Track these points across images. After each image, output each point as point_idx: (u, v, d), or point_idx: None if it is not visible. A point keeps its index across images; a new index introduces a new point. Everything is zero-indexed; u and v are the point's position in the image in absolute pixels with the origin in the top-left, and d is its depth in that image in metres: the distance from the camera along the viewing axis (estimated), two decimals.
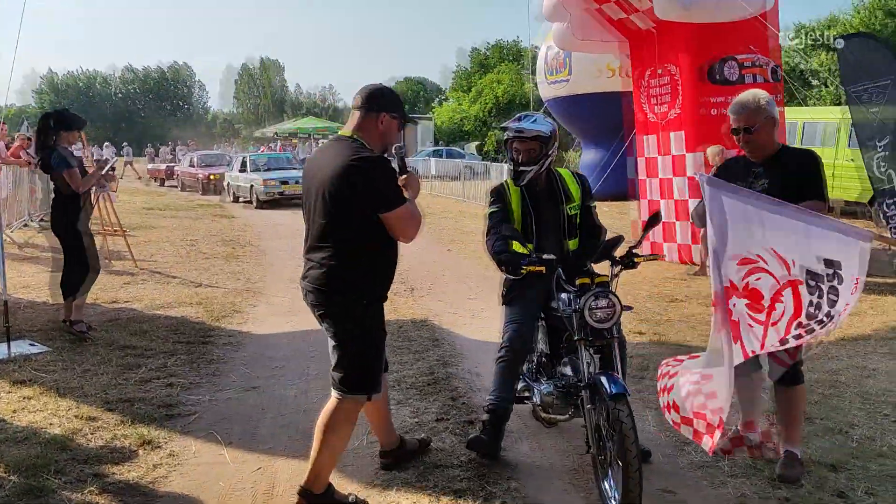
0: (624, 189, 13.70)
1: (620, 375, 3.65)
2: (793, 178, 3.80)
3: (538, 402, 4.17)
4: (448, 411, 4.82)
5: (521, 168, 4.23)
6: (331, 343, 3.52)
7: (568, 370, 3.88)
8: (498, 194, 4.33)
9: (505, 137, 4.36)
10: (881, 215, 7.37)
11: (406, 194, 3.45)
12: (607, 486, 3.55)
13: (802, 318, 3.24)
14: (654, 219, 3.89)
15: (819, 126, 15.58)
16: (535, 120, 4.34)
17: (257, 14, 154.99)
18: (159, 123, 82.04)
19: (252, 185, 21.10)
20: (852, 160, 15.74)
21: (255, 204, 20.78)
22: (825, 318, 3.25)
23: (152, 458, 4.18)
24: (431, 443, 4.26)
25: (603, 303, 3.60)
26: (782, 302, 3.26)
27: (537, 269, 3.80)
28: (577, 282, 3.78)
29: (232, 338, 6.77)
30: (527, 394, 4.36)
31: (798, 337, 3.31)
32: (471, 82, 55.02)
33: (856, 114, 7.46)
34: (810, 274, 3.23)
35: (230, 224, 16.66)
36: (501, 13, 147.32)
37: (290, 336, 6.90)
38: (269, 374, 5.74)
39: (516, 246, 4.06)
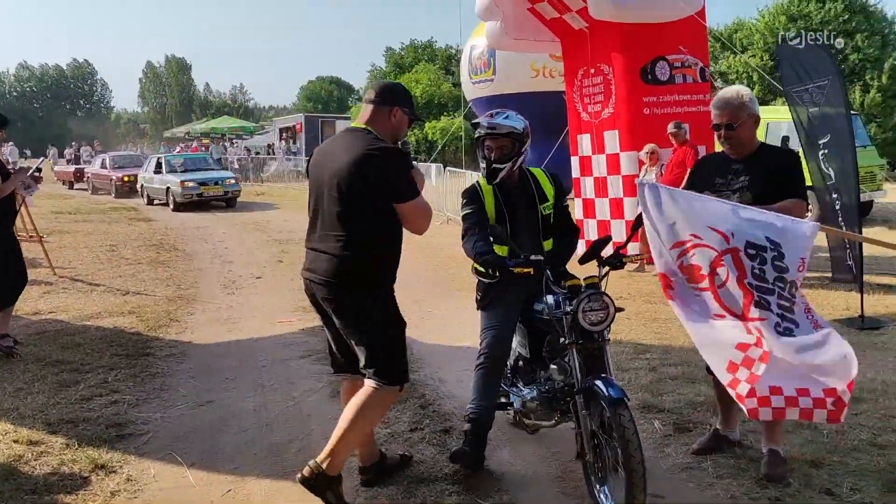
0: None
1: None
2: (773, 176, 3.79)
3: (521, 409, 4.05)
4: (420, 420, 4.65)
5: (495, 166, 4.10)
6: (352, 340, 3.49)
7: (555, 374, 3.76)
8: (471, 195, 4.18)
9: (476, 135, 4.23)
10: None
11: None
12: (602, 496, 3.46)
13: (750, 279, 3.27)
14: (641, 219, 3.82)
15: None
16: (507, 116, 4.24)
17: (165, 11, 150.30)
18: (59, 123, 78.22)
19: (168, 188, 20.27)
20: None
21: (171, 207, 19.98)
22: (780, 283, 3.25)
23: (108, 485, 3.85)
24: (413, 458, 4.05)
25: (597, 304, 3.50)
26: (724, 266, 3.32)
27: (526, 270, 3.68)
28: (567, 283, 3.67)
29: (173, 349, 6.40)
30: (504, 400, 4.23)
31: (766, 292, 3.26)
32: None
33: (797, 114, 7.64)
34: (750, 244, 3.29)
35: (149, 228, 15.94)
36: (423, 13, 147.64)
37: (235, 345, 6.58)
38: (221, 386, 5.42)
39: (496, 248, 3.94)
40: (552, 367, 3.75)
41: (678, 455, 4.15)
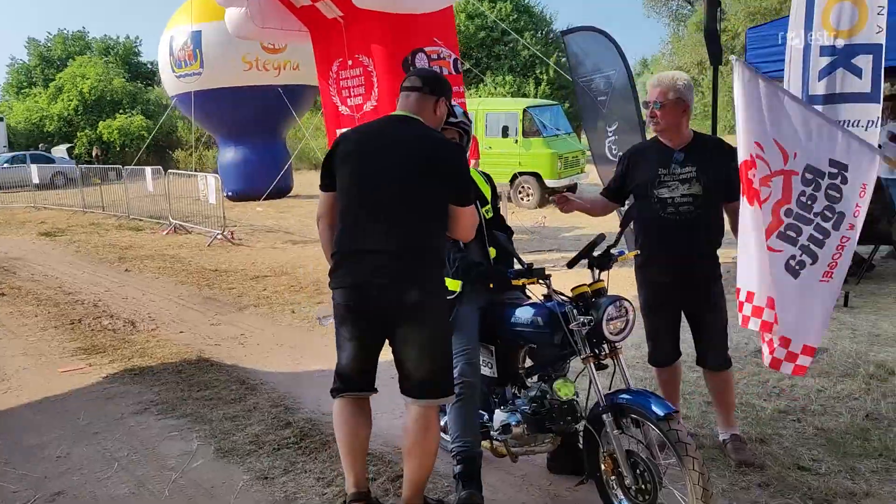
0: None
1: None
2: (720, 170, 3.71)
3: (503, 437, 3.59)
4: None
5: None
6: (411, 350, 3.13)
7: (557, 393, 3.37)
8: None
9: None
10: None
11: None
12: None
13: (792, 206, 3.28)
14: (631, 213, 3.59)
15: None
16: (454, 104, 3.78)
17: None
18: None
19: None
20: (490, 147, 17.29)
21: None
22: (827, 213, 3.28)
23: None
24: None
25: (619, 312, 3.20)
26: (769, 187, 3.28)
27: (530, 281, 3.28)
28: (574, 291, 3.32)
29: None
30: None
31: (803, 221, 3.27)
32: (33, 77, 48.31)
33: (584, 100, 8.00)
34: (809, 168, 3.27)
35: None
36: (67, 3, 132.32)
37: (30, 411, 5.12)
38: (58, 469, 4.13)
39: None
40: (556, 384, 3.36)
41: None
